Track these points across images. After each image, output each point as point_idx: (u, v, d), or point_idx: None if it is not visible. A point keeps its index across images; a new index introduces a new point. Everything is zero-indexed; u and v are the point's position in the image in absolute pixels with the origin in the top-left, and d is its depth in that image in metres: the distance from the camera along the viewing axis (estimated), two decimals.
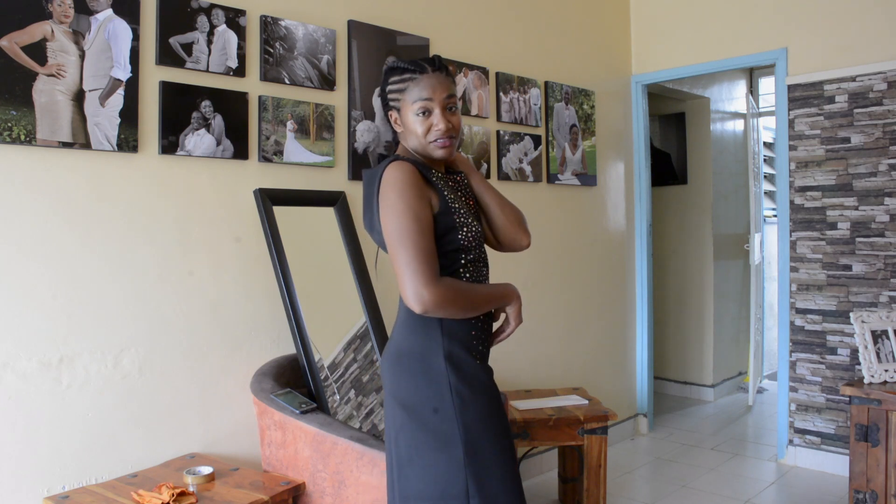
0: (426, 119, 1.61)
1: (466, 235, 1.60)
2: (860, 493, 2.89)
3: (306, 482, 2.10)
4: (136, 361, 2.20)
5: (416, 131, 1.62)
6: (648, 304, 4.34)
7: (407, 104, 1.63)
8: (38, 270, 2.01)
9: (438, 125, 1.61)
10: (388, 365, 1.66)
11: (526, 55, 3.64)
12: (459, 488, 1.54)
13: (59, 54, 2.03)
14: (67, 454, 2.05)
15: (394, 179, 1.55)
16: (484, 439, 1.57)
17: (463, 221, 1.60)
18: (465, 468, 1.54)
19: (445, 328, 1.59)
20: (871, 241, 3.47)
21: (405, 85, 1.63)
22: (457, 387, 1.57)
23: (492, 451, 1.58)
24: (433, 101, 1.61)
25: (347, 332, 2.57)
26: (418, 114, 1.61)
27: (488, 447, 1.58)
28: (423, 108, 1.61)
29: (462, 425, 1.55)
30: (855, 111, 3.50)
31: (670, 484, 3.48)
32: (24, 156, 1.99)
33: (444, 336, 1.59)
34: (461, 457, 1.54)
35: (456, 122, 1.64)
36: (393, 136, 1.71)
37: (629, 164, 4.34)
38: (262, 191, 2.46)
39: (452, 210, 1.59)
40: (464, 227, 1.60)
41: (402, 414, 1.61)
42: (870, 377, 2.98)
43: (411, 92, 1.62)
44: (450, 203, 1.60)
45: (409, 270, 1.48)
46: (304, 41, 2.64)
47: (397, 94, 1.64)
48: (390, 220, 1.53)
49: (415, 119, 1.62)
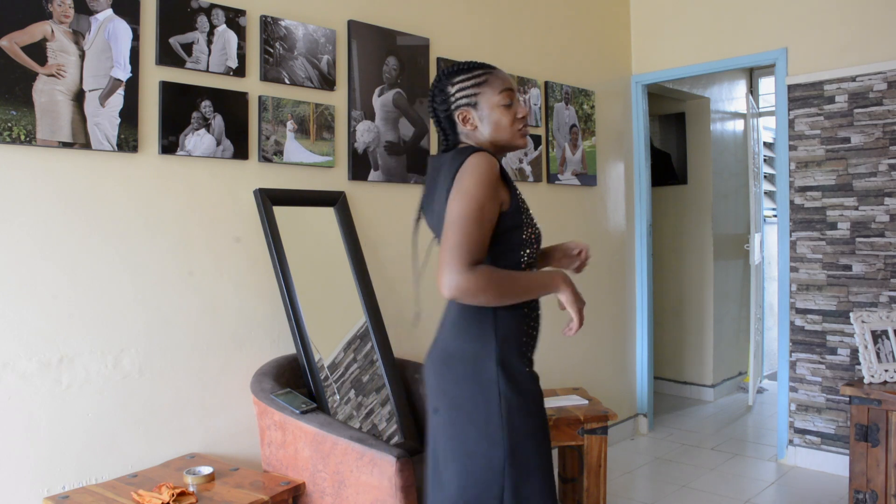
0: (509, 110, 1.66)
1: (530, 236, 1.64)
2: (860, 493, 2.89)
3: (306, 482, 2.10)
4: (136, 361, 2.20)
5: (502, 122, 1.66)
6: (648, 304, 4.34)
7: (489, 97, 1.66)
8: (38, 270, 2.01)
9: (521, 113, 1.68)
10: (435, 368, 1.65)
11: (526, 55, 3.64)
12: (495, 492, 1.54)
13: (59, 54, 2.03)
14: (67, 454, 2.05)
15: (476, 166, 1.56)
16: (526, 447, 1.57)
17: (528, 221, 1.65)
18: (504, 474, 1.54)
19: (500, 332, 1.59)
20: (871, 241, 3.47)
21: (484, 79, 1.67)
22: (506, 393, 1.57)
23: (533, 459, 1.58)
24: (514, 92, 1.69)
25: (347, 332, 2.57)
26: (503, 104, 1.66)
27: (530, 455, 1.58)
28: (508, 101, 1.66)
29: (508, 431, 1.55)
30: (855, 111, 3.50)
31: (670, 484, 3.48)
32: (24, 156, 1.99)
33: (497, 340, 1.59)
34: (502, 462, 1.54)
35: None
36: (444, 136, 1.73)
37: (629, 164, 4.33)
38: (262, 191, 2.46)
39: (522, 210, 1.63)
40: (529, 227, 1.64)
41: (446, 417, 1.61)
42: (870, 377, 2.98)
43: (493, 84, 1.66)
44: (521, 202, 1.64)
45: (451, 254, 1.49)
46: (304, 41, 2.64)
47: (474, 88, 1.66)
48: (457, 203, 1.53)
49: (499, 110, 1.66)
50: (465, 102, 1.67)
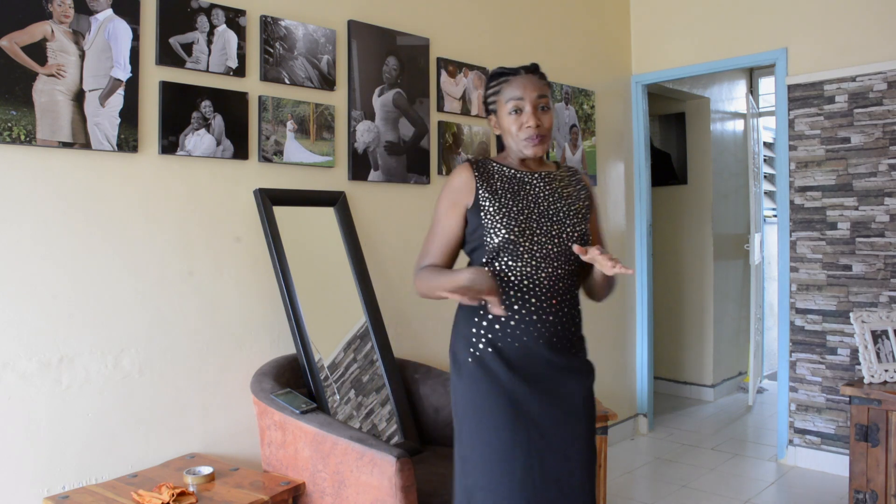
0: (518, 117, 1.71)
1: (492, 240, 1.68)
2: (860, 493, 2.89)
3: (306, 482, 2.10)
4: (136, 361, 2.20)
5: (510, 129, 1.72)
6: (648, 304, 4.34)
7: (501, 104, 1.74)
8: (38, 270, 2.01)
9: (528, 122, 1.70)
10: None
11: (526, 55, 3.64)
12: (474, 480, 1.67)
13: (59, 54, 2.03)
14: (67, 454, 2.05)
15: (447, 179, 1.78)
16: (468, 426, 1.68)
17: (494, 225, 1.68)
18: (455, 455, 1.72)
19: (457, 327, 1.76)
20: (871, 241, 3.47)
21: (500, 87, 1.75)
22: (453, 380, 1.74)
23: (474, 435, 1.67)
24: (524, 99, 1.71)
25: (347, 332, 2.57)
26: (510, 112, 1.72)
27: (472, 432, 1.67)
28: (515, 107, 1.71)
29: (454, 414, 1.72)
30: (855, 111, 3.50)
31: (670, 484, 3.48)
32: (24, 156, 1.99)
33: (454, 335, 1.77)
34: (460, 450, 1.71)
35: (546, 121, 1.73)
36: (497, 140, 1.83)
37: (629, 164, 4.33)
38: (262, 191, 2.46)
39: (482, 208, 1.70)
40: (493, 230, 1.67)
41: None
42: (870, 377, 2.98)
43: (505, 92, 1.73)
44: (482, 202, 1.70)
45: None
46: (304, 41, 2.64)
47: (494, 96, 1.76)
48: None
49: (508, 118, 1.72)
50: (490, 109, 1.80)
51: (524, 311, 1.68)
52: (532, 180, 1.76)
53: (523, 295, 1.68)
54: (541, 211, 1.72)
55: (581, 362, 1.77)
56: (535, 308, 1.68)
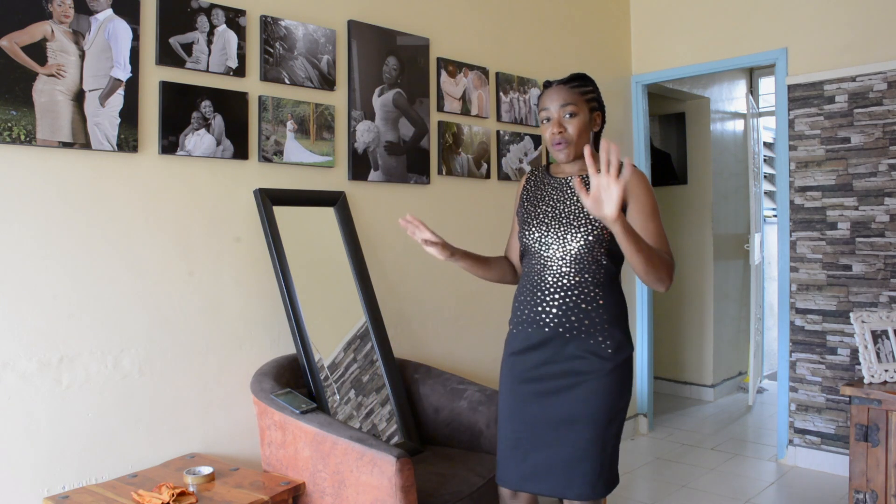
0: (548, 126, 1.91)
1: (520, 238, 1.99)
2: (860, 493, 2.89)
3: (306, 482, 2.10)
4: (136, 361, 2.20)
5: (545, 137, 1.93)
6: (648, 305, 4.34)
7: (540, 116, 1.94)
8: (38, 270, 2.01)
9: (551, 130, 1.89)
10: None
11: (526, 55, 3.64)
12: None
13: (59, 54, 2.03)
14: (67, 454, 2.05)
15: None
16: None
17: (520, 227, 1.98)
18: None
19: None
20: (871, 241, 3.47)
21: (539, 101, 1.95)
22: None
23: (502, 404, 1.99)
24: (550, 109, 1.90)
25: (347, 332, 2.57)
26: (543, 122, 1.92)
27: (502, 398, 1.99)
28: (545, 117, 1.91)
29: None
30: (855, 111, 3.50)
31: (670, 484, 3.48)
32: (24, 156, 1.99)
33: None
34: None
35: (571, 127, 1.88)
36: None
37: None
38: (262, 191, 2.46)
39: (518, 213, 2.02)
40: (519, 231, 1.98)
41: None
42: (870, 377, 2.98)
43: (540, 105, 1.94)
44: (519, 206, 2.03)
45: None
46: (304, 41, 2.64)
47: (539, 111, 1.96)
48: None
49: (542, 127, 1.94)
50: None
51: (528, 281, 1.99)
52: (553, 185, 1.97)
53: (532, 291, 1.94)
54: (555, 214, 1.91)
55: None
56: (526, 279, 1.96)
